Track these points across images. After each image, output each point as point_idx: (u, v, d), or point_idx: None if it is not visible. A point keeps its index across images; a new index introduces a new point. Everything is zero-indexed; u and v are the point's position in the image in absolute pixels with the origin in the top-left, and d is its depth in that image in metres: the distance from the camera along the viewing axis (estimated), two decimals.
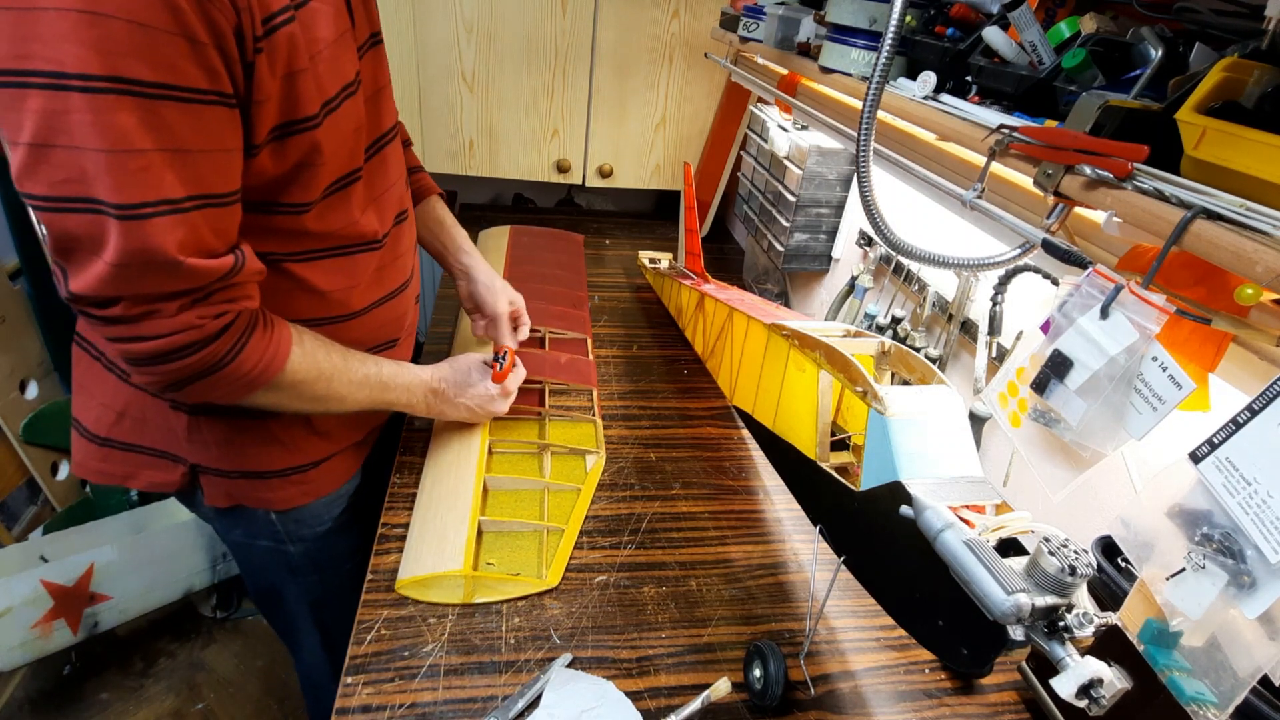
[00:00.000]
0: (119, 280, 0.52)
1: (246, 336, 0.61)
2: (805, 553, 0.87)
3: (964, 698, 0.72)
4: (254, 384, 0.63)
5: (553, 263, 1.47)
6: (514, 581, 0.77)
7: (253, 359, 0.62)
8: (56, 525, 1.57)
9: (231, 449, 0.76)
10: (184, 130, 0.51)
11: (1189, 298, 0.47)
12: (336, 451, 0.84)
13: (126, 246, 0.50)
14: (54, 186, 0.49)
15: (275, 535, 0.85)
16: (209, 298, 0.57)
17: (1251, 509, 0.42)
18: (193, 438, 0.75)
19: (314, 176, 0.64)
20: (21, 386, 1.56)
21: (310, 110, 0.59)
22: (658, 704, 0.67)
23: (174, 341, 0.56)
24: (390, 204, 0.79)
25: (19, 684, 1.54)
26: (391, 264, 0.81)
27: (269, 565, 0.89)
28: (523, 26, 1.49)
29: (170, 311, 0.55)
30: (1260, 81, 0.46)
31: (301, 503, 0.83)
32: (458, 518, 0.81)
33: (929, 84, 0.73)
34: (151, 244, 0.51)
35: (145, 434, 0.76)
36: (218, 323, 0.58)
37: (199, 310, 0.57)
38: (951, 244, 0.73)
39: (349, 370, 0.73)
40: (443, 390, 0.87)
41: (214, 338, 0.58)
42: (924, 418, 0.58)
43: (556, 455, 0.97)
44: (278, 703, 1.61)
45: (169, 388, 0.60)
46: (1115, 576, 0.62)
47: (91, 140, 0.47)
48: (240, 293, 0.60)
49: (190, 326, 0.56)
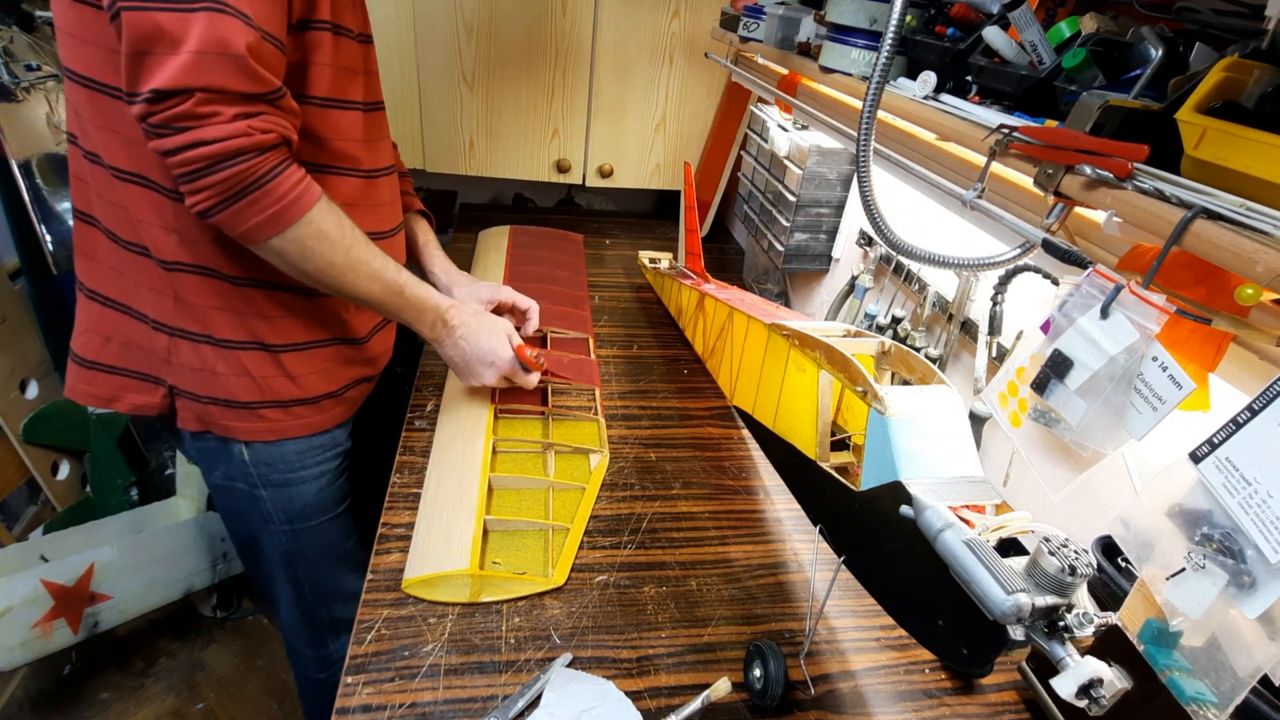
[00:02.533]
0: (197, 69, 0.59)
1: (286, 164, 0.68)
2: (805, 553, 0.87)
3: (964, 698, 0.72)
4: (287, 213, 0.69)
5: (553, 263, 1.47)
6: (520, 580, 0.77)
7: (287, 184, 0.68)
8: (56, 525, 1.56)
9: (204, 374, 0.81)
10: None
11: (1189, 298, 0.47)
12: (306, 398, 0.87)
13: (209, 34, 0.59)
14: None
15: (248, 478, 0.89)
16: (261, 114, 0.65)
17: (1251, 509, 0.42)
18: (171, 359, 0.81)
19: (316, 74, 0.74)
20: (21, 386, 1.56)
21: (324, 16, 0.72)
22: (658, 704, 0.67)
23: (230, 146, 0.63)
24: (382, 152, 0.87)
25: (19, 684, 1.55)
26: (374, 205, 0.87)
27: (244, 510, 0.93)
28: (523, 26, 1.49)
29: (228, 116, 0.62)
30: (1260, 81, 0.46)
31: (266, 439, 0.87)
32: (463, 517, 0.81)
33: (929, 84, 0.73)
34: (229, 36, 0.60)
35: (129, 357, 0.83)
36: (266, 137, 0.65)
37: (251, 121, 0.64)
38: (951, 244, 0.73)
39: (366, 254, 0.77)
40: (453, 325, 0.90)
41: (261, 151, 0.65)
42: (924, 418, 0.58)
43: (560, 454, 0.97)
44: (277, 702, 1.61)
45: (218, 205, 0.66)
46: (1115, 576, 0.62)
47: None
48: (285, 119, 0.68)
49: (243, 133, 0.63)
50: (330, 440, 0.93)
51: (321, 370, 0.88)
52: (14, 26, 1.43)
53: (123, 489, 1.67)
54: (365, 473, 1.02)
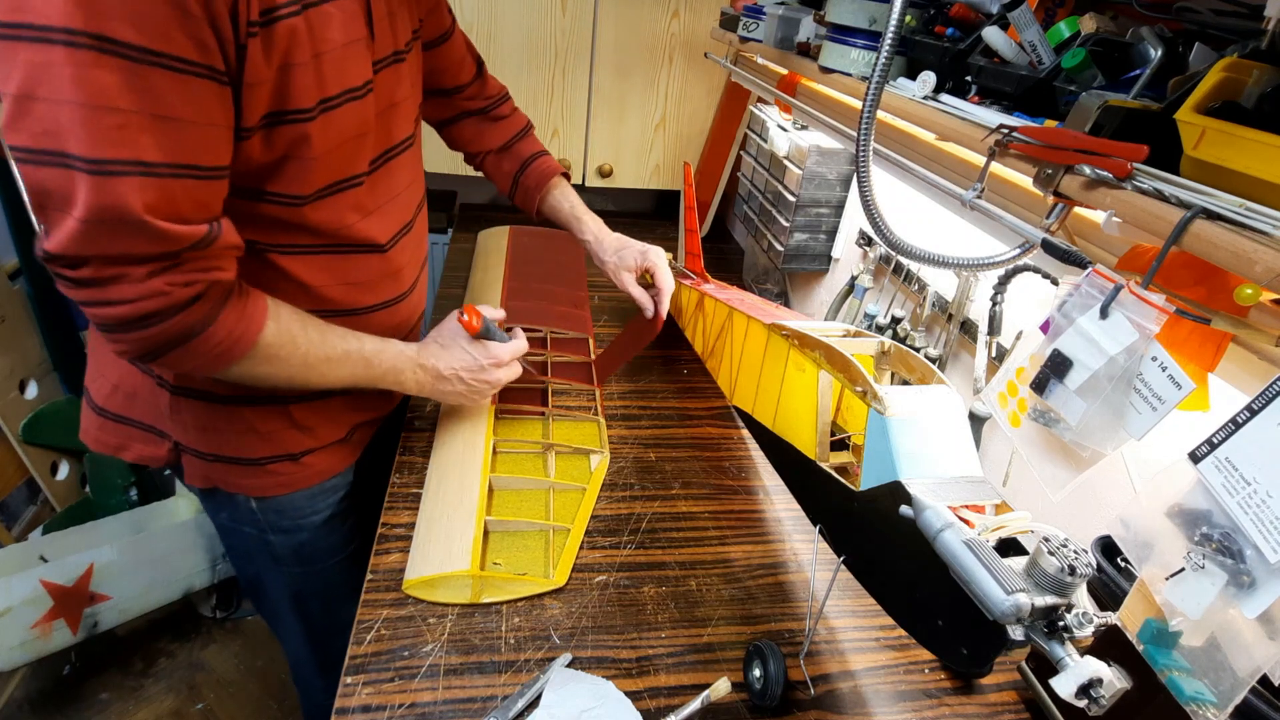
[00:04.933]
0: (88, 238, 0.52)
1: (219, 307, 0.61)
2: (805, 553, 0.87)
3: (964, 698, 0.72)
4: (227, 355, 0.63)
5: (553, 262, 1.47)
6: (521, 581, 0.77)
7: (224, 329, 0.61)
8: (56, 525, 1.56)
9: (209, 433, 0.77)
10: (171, 98, 0.52)
11: (1189, 298, 0.47)
12: (317, 447, 0.83)
13: (94, 202, 0.51)
14: (34, 138, 0.50)
15: (256, 523, 0.86)
16: (179, 266, 0.57)
17: (1251, 509, 0.42)
18: (174, 417, 0.76)
19: (304, 170, 0.65)
20: (21, 386, 1.56)
21: (305, 103, 0.60)
22: (658, 704, 0.67)
23: (142, 308, 0.56)
24: (395, 213, 0.79)
25: (19, 684, 1.54)
26: (391, 274, 0.80)
27: (252, 552, 0.90)
28: (523, 26, 1.49)
29: (139, 276, 0.55)
30: (1260, 81, 0.46)
31: (278, 493, 0.83)
32: (464, 517, 0.81)
33: (929, 84, 0.73)
34: (119, 202, 0.51)
35: (135, 408, 0.78)
36: (187, 291, 0.58)
37: (168, 277, 0.56)
38: (951, 244, 0.73)
39: (327, 345, 0.71)
40: (432, 365, 0.83)
41: (183, 306, 0.58)
42: (924, 418, 0.58)
43: (561, 455, 0.97)
44: (277, 703, 1.61)
45: (143, 356, 0.60)
46: (1115, 576, 0.62)
47: (69, 93, 0.48)
48: (213, 264, 0.60)
49: (158, 293, 0.56)
50: (341, 481, 0.90)
51: (333, 419, 0.84)
52: None
53: (122, 489, 1.67)
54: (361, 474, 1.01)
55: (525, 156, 1.05)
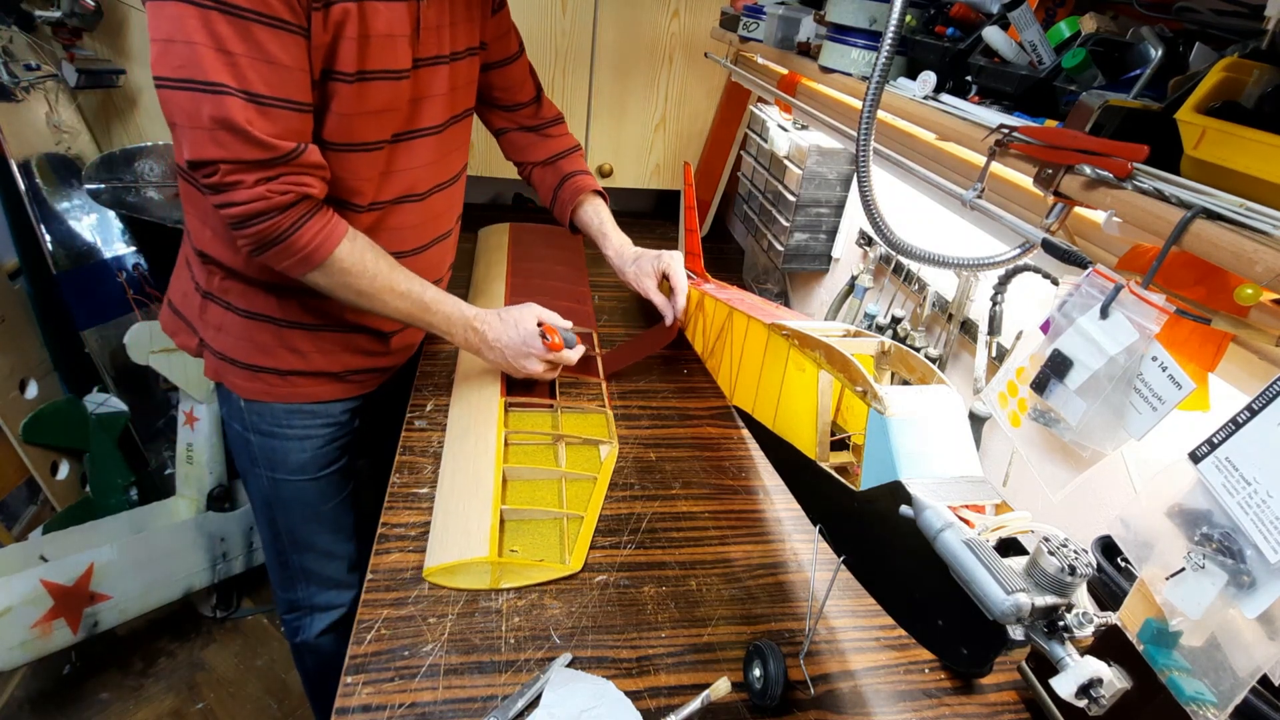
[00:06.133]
0: (210, 143, 0.69)
1: (307, 217, 0.77)
2: (805, 553, 0.87)
3: (964, 697, 0.72)
4: (309, 259, 0.79)
5: (553, 259, 1.47)
6: (538, 567, 0.78)
7: (307, 236, 0.77)
8: (56, 525, 1.56)
9: (222, 334, 0.94)
10: (270, 46, 0.69)
11: (1189, 298, 0.47)
12: (306, 371, 0.96)
13: (212, 114, 0.68)
14: (173, 69, 0.67)
15: (243, 421, 1.00)
16: (279, 177, 0.73)
17: (1251, 509, 0.42)
18: (202, 317, 0.94)
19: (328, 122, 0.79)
20: (21, 386, 1.56)
21: (347, 69, 0.76)
22: (658, 704, 0.67)
23: (252, 209, 0.73)
24: (400, 183, 0.91)
25: (19, 684, 1.55)
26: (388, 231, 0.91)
27: (239, 449, 1.05)
28: (523, 26, 1.46)
29: (249, 183, 0.72)
30: (1260, 81, 0.46)
31: (262, 399, 0.97)
32: (480, 506, 0.83)
33: (929, 84, 0.73)
34: (228, 114, 0.68)
35: (185, 306, 0.98)
36: (283, 198, 0.74)
37: (270, 185, 0.73)
38: (951, 244, 0.73)
39: (394, 279, 0.86)
40: (483, 331, 0.96)
41: (280, 210, 0.74)
42: (924, 418, 0.58)
43: (571, 445, 0.98)
44: (277, 702, 1.61)
45: (255, 251, 0.78)
46: (1115, 576, 0.62)
47: (199, 38, 0.66)
48: (302, 179, 0.75)
49: (261, 197, 0.73)
50: (323, 410, 1.01)
51: (325, 351, 0.96)
52: (14, 26, 1.43)
53: (122, 489, 1.67)
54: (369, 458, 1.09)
55: (566, 172, 1.17)
